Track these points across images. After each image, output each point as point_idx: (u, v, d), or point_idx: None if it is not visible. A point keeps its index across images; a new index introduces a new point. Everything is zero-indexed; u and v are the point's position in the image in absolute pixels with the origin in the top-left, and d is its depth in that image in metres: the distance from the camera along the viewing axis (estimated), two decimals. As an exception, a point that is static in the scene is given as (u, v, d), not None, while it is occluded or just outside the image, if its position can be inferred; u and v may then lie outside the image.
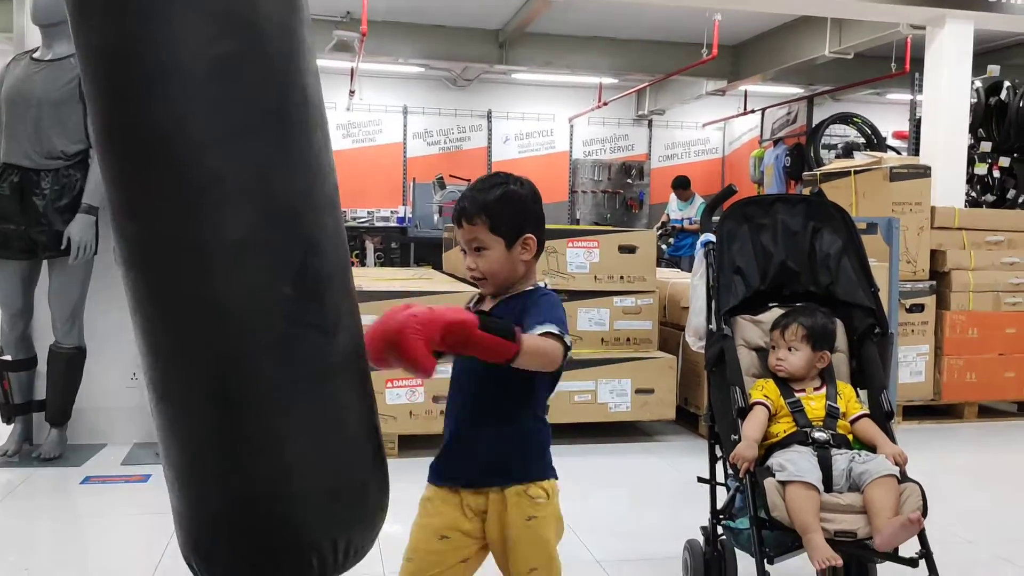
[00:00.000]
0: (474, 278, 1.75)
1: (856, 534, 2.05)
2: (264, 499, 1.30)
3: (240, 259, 1.27)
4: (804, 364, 2.34)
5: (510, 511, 1.71)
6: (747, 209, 2.54)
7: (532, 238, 1.74)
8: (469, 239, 1.73)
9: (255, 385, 1.28)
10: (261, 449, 1.29)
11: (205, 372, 1.27)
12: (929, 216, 4.96)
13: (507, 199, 1.73)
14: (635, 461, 4.13)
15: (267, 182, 1.28)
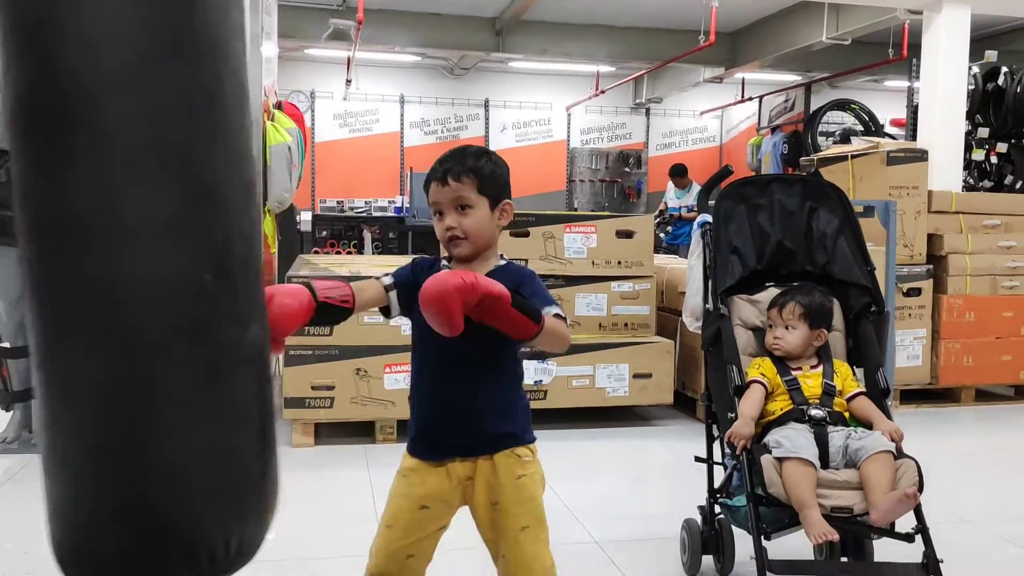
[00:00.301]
0: (452, 238, 1.74)
1: (852, 510, 2.06)
2: (156, 492, 1.23)
3: (164, 239, 1.22)
4: (801, 342, 2.35)
5: (500, 473, 1.74)
6: (744, 189, 2.55)
7: (510, 204, 1.79)
8: (453, 198, 1.73)
9: (162, 372, 1.23)
10: (159, 439, 1.23)
11: (111, 357, 1.21)
12: (926, 200, 4.97)
13: (492, 163, 1.78)
14: (633, 445, 4.14)
15: (197, 163, 1.24)
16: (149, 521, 1.20)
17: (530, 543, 1.75)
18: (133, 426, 1.18)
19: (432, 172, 1.77)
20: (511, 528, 1.75)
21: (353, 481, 3.47)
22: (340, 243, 10.24)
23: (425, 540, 1.80)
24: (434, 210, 1.78)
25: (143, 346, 1.18)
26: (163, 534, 1.21)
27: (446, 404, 1.77)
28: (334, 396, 3.94)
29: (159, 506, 1.20)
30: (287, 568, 2.63)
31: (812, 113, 10.19)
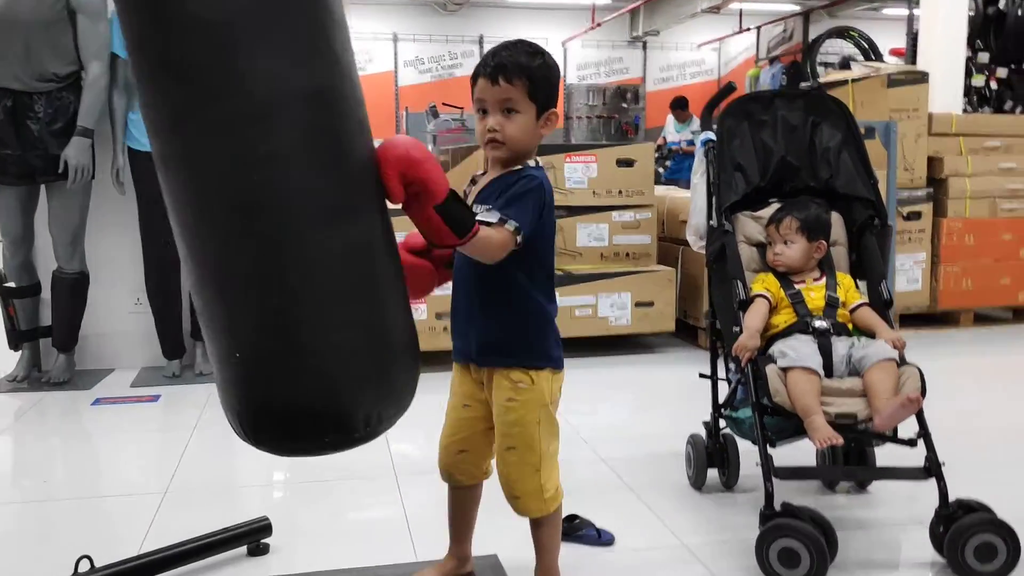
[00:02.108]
0: (492, 140, 1.69)
1: (856, 416, 2.10)
2: (316, 377, 1.41)
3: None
4: (801, 256, 2.37)
5: (495, 391, 1.78)
6: (747, 106, 2.54)
7: (555, 113, 1.72)
8: (502, 99, 1.65)
9: (312, 253, 1.38)
10: (317, 335, 1.39)
11: (264, 257, 1.36)
12: (926, 122, 4.95)
13: (546, 68, 1.69)
14: (637, 372, 4.19)
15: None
16: (311, 390, 1.39)
17: (513, 464, 1.79)
18: (293, 305, 1.36)
19: (482, 65, 1.69)
20: (499, 445, 1.80)
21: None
22: (338, 185, 10.19)
23: (473, 437, 1.86)
24: (478, 107, 1.71)
25: (284, 244, 1.35)
26: (321, 401, 1.40)
27: (456, 311, 1.84)
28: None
29: (320, 378, 1.39)
30: (309, 489, 2.69)
31: (811, 42, 10.06)
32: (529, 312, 1.79)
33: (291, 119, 1.35)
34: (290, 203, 1.36)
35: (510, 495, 1.82)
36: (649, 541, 2.30)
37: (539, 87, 1.67)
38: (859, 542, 2.27)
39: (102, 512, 2.57)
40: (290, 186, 1.35)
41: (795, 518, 2.01)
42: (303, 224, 1.36)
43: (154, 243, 3.93)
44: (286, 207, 1.35)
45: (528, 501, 1.81)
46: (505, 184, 1.71)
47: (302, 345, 1.38)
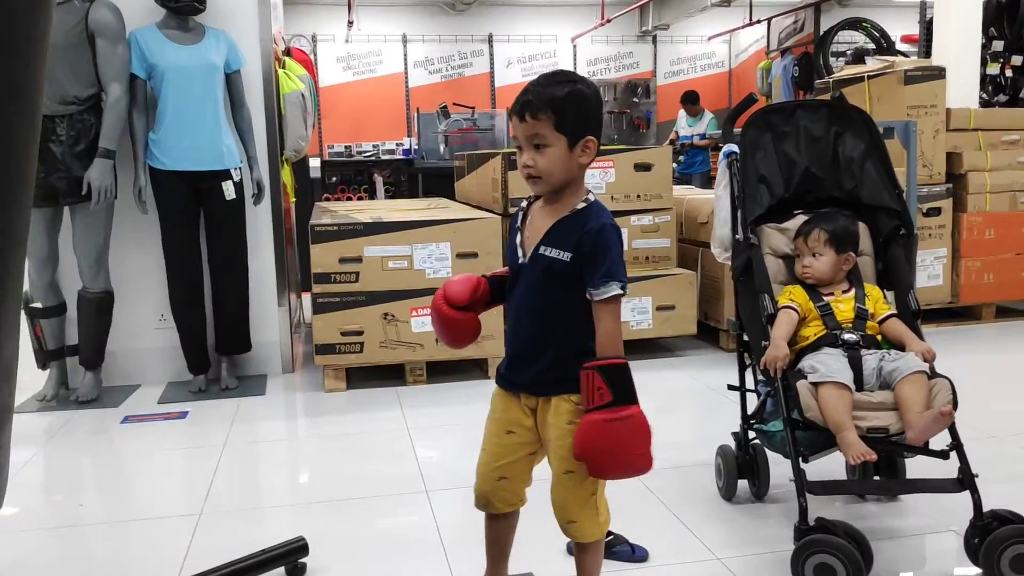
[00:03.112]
0: (529, 176, 1.72)
1: (888, 430, 2.11)
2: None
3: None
4: (830, 268, 2.37)
5: (555, 415, 1.77)
6: (769, 117, 2.54)
7: (593, 141, 1.71)
8: (530, 134, 1.68)
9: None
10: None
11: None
12: (944, 118, 4.92)
13: (575, 97, 1.68)
14: (659, 376, 4.19)
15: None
16: None
17: (571, 488, 1.78)
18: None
19: (514, 104, 1.72)
20: (558, 468, 1.79)
21: (388, 423, 3.54)
22: (351, 188, 10.20)
23: (515, 464, 1.85)
24: (516, 144, 1.75)
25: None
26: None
27: (514, 341, 1.83)
28: (363, 341, 3.99)
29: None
30: (341, 506, 2.71)
31: (823, 34, 10.01)
32: (590, 337, 1.78)
33: None
34: None
35: (566, 520, 1.81)
36: (683, 555, 2.31)
37: (567, 118, 1.67)
38: (892, 552, 2.28)
39: (138, 536, 2.59)
40: None
41: (830, 533, 2.02)
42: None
43: (177, 260, 3.96)
44: None
45: (584, 525, 1.81)
46: (573, 227, 1.71)
47: None
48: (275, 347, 4.38)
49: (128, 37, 3.82)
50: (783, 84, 10.28)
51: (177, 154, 3.86)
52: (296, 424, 3.79)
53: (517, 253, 1.80)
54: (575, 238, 1.70)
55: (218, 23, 4.05)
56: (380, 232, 3.99)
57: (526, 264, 1.77)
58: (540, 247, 1.74)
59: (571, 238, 1.70)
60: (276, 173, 4.34)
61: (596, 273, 1.68)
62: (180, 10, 3.86)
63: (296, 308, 5.05)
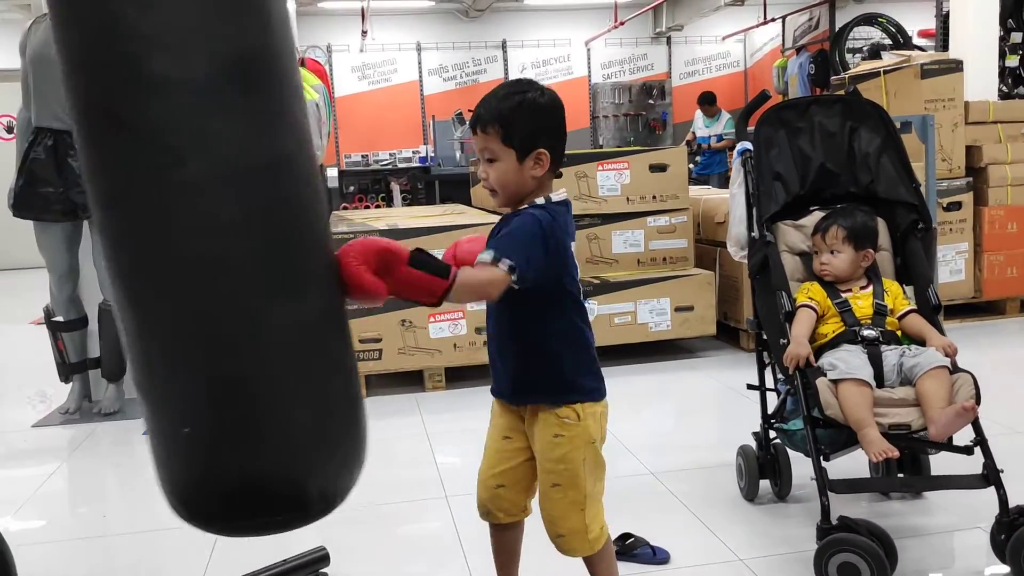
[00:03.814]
0: (486, 187, 1.72)
1: (911, 426, 2.08)
2: (272, 453, 1.33)
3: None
4: (848, 265, 2.35)
5: (540, 429, 1.75)
6: (783, 114, 2.52)
7: (545, 153, 1.66)
8: (481, 148, 1.68)
9: (269, 343, 1.30)
10: (273, 409, 1.32)
11: (220, 325, 1.29)
12: (963, 112, 4.87)
13: (523, 108, 1.65)
14: (679, 377, 4.17)
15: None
16: (258, 472, 1.31)
17: (557, 501, 1.75)
18: (248, 376, 1.28)
19: (472, 115, 1.73)
20: (544, 482, 1.77)
21: (408, 429, 3.54)
22: (368, 197, 10.26)
23: (514, 470, 1.81)
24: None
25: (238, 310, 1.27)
26: (270, 483, 1.32)
27: (491, 354, 1.82)
28: (382, 348, 4.00)
29: (266, 457, 1.31)
30: (362, 513, 2.71)
31: (838, 30, 9.94)
32: (571, 347, 1.76)
33: (255, 185, 1.29)
34: (249, 271, 1.29)
35: (555, 533, 1.78)
36: (705, 557, 2.29)
37: (514, 131, 1.64)
38: (917, 550, 2.25)
39: (162, 547, 2.61)
40: (250, 254, 1.29)
41: (853, 532, 2.00)
42: (261, 293, 1.29)
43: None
44: (245, 275, 1.28)
45: (572, 540, 1.77)
46: (505, 223, 1.69)
47: (257, 419, 1.30)
48: (295, 356, 4.39)
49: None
50: (799, 82, 10.23)
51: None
52: (316, 432, 3.80)
53: None
54: (501, 230, 1.67)
55: (232, 35, 4.07)
56: (396, 238, 3.96)
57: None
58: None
59: (499, 231, 1.68)
60: (292, 183, 4.35)
61: (496, 246, 1.59)
62: (194, 23, 3.89)
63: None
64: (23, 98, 3.85)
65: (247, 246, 1.28)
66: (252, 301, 1.29)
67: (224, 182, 1.27)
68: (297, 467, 1.34)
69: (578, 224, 4.42)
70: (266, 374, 1.30)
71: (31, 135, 3.78)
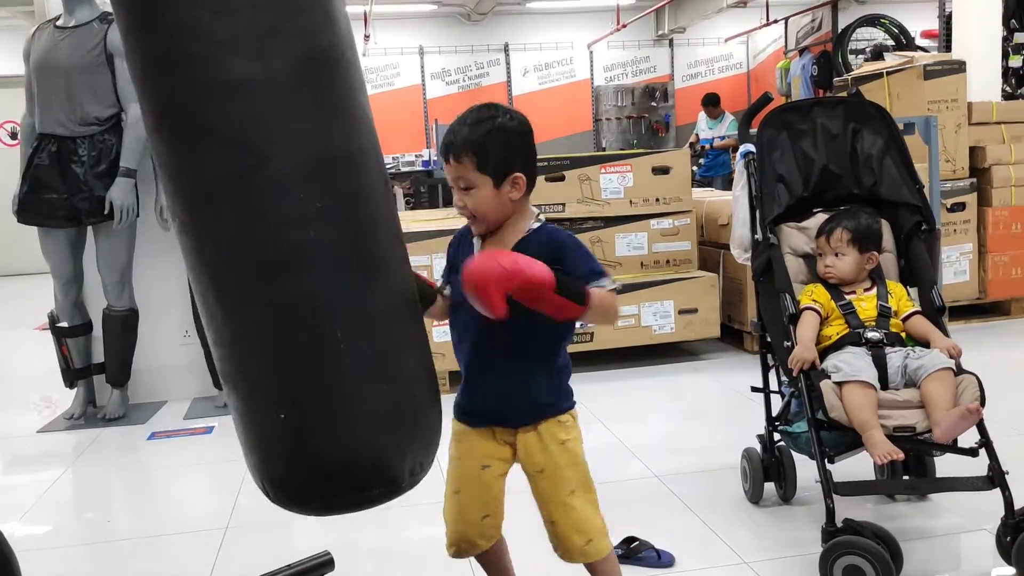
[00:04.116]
0: (466, 216, 1.71)
1: (915, 428, 2.08)
2: (362, 433, 1.44)
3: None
4: (853, 268, 2.35)
5: (545, 440, 1.72)
6: (785, 116, 2.52)
7: (521, 176, 1.66)
8: (455, 177, 1.66)
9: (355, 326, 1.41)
10: (361, 390, 1.42)
11: (310, 313, 1.40)
12: (966, 113, 4.86)
13: (495, 135, 1.64)
14: (683, 380, 4.17)
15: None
16: (352, 452, 1.42)
17: (580, 506, 1.73)
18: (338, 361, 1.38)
19: (441, 144, 1.72)
20: (560, 492, 1.73)
21: (412, 433, 3.54)
22: (372, 201, 10.25)
23: (496, 497, 1.79)
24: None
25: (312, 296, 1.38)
26: (364, 462, 1.43)
27: (483, 376, 1.74)
28: (385, 352, 4.00)
29: (359, 437, 1.42)
30: (367, 518, 2.71)
31: (841, 31, 9.94)
32: (560, 353, 1.76)
33: (334, 178, 1.37)
34: (332, 258, 1.37)
35: (583, 541, 1.72)
36: (710, 560, 2.28)
37: (488, 158, 1.63)
38: (922, 552, 2.24)
39: (167, 551, 2.61)
40: (335, 241, 1.37)
41: (859, 534, 1.99)
42: (348, 280, 1.38)
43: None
44: (329, 262, 1.37)
45: (599, 540, 1.74)
46: (545, 248, 1.65)
47: (347, 401, 1.39)
48: (299, 360, 4.39)
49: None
50: (802, 83, 10.22)
51: (197, 171, 3.89)
52: (321, 436, 3.80)
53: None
54: (542, 255, 1.60)
55: (234, 40, 4.08)
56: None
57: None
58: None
59: (545, 255, 1.61)
60: (295, 187, 4.36)
61: (589, 273, 1.63)
62: (197, 29, 3.90)
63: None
64: (27, 104, 3.86)
65: (330, 234, 1.37)
66: (338, 288, 1.37)
67: (306, 177, 1.34)
68: (387, 446, 1.44)
69: (581, 227, 4.43)
70: (355, 358, 1.39)
71: (35, 141, 3.80)
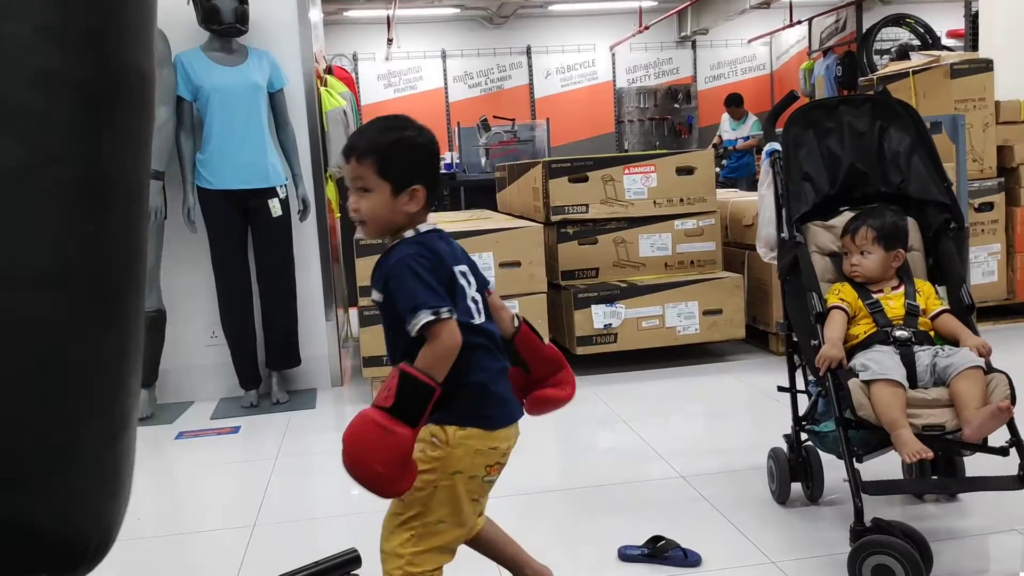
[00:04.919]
0: (355, 219, 1.70)
1: (944, 427, 2.06)
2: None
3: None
4: (879, 266, 2.33)
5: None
6: (812, 114, 2.51)
7: (421, 190, 1.67)
8: (355, 177, 1.66)
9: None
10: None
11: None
12: (993, 111, 4.82)
13: (402, 144, 1.67)
14: (708, 381, 4.15)
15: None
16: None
17: (393, 514, 1.74)
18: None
19: (345, 144, 1.71)
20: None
21: (436, 433, 3.55)
22: (395, 203, 10.29)
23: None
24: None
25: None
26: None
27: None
28: (410, 353, 4.01)
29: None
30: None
31: (866, 31, 9.87)
32: (458, 375, 1.67)
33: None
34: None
35: (380, 545, 1.76)
36: (737, 560, 2.27)
37: (391, 164, 1.64)
38: (952, 553, 2.22)
39: (194, 549, 2.64)
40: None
41: (887, 533, 1.98)
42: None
43: (226, 277, 4.04)
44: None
45: (387, 560, 1.72)
46: (381, 267, 1.68)
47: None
48: (324, 361, 4.43)
49: (174, 61, 3.92)
50: (826, 84, 10.16)
51: (224, 174, 3.93)
52: (346, 436, 3.82)
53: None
54: (381, 279, 1.66)
55: (261, 44, 4.13)
56: (424, 244, 4.03)
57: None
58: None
59: (380, 277, 1.67)
60: (321, 189, 4.40)
61: (404, 311, 1.60)
62: (224, 32, 3.94)
63: (344, 322, 5.10)
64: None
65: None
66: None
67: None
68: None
69: (605, 228, 4.43)
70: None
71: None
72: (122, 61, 1.13)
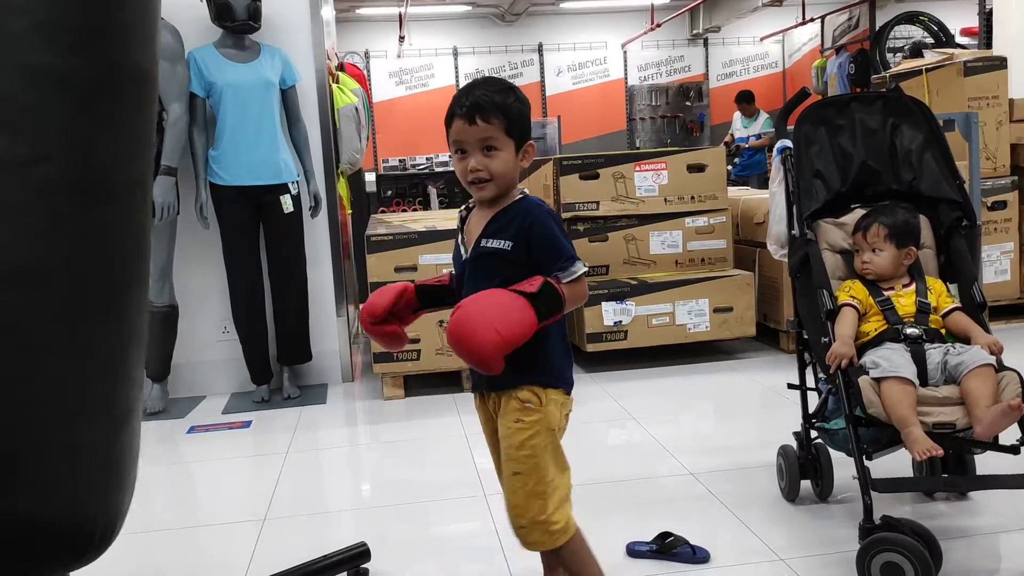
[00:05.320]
0: (477, 179, 1.71)
1: (955, 425, 2.05)
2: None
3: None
4: (890, 263, 2.33)
5: (503, 413, 1.77)
6: (823, 111, 2.50)
7: (533, 146, 1.76)
8: (482, 137, 1.68)
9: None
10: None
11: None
12: (1007, 109, 4.79)
13: (519, 102, 1.72)
14: (719, 379, 4.15)
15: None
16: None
17: (518, 489, 1.75)
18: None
19: (457, 106, 1.70)
20: (506, 470, 1.78)
21: (446, 428, 3.57)
22: (405, 201, 10.32)
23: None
24: (456, 148, 1.73)
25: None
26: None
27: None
28: (420, 349, 4.03)
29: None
30: (402, 511, 2.74)
31: (879, 29, 9.82)
32: (543, 331, 1.74)
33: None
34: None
35: (516, 524, 1.78)
36: (745, 557, 2.27)
37: (514, 123, 1.70)
38: (962, 551, 2.22)
39: (205, 541, 2.65)
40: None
41: (897, 531, 1.98)
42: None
43: (238, 273, 4.06)
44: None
45: (532, 531, 1.76)
46: (510, 219, 1.73)
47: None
48: (335, 356, 4.45)
49: (187, 57, 3.93)
50: (839, 82, 10.12)
51: (237, 170, 3.95)
52: (356, 431, 3.84)
53: (460, 252, 1.82)
54: (514, 228, 1.71)
55: (273, 41, 4.15)
56: (435, 240, 4.04)
57: (468, 260, 1.78)
58: (481, 240, 1.75)
59: (510, 228, 1.72)
60: (332, 186, 4.41)
61: (557, 258, 1.70)
62: (236, 29, 3.96)
63: (355, 318, 5.12)
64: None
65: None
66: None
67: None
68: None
69: (615, 225, 4.43)
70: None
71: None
72: (122, 59, 1.14)
